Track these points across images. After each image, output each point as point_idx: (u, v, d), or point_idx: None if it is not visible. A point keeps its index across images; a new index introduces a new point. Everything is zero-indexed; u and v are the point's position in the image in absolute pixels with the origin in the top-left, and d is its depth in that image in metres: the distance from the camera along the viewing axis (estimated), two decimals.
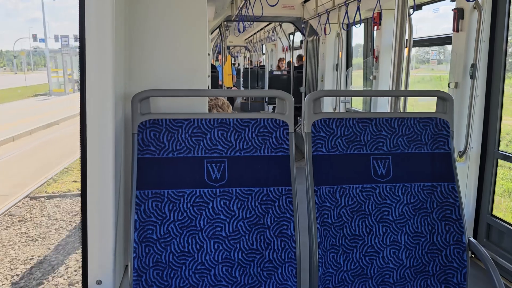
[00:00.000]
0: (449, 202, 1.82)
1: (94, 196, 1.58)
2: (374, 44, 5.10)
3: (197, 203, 1.67)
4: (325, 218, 1.73)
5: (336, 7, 5.25)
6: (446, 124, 1.86)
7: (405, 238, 1.79)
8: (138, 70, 1.88)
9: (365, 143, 1.82)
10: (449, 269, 1.79)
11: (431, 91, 1.97)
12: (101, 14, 1.48)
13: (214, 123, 1.72)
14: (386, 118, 1.84)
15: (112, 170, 1.58)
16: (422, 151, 1.84)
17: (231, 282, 1.66)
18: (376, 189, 1.79)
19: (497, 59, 2.92)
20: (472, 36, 2.96)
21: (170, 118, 1.69)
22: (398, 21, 2.28)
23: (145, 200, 1.63)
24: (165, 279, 1.62)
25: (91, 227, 1.59)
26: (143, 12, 1.86)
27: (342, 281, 1.74)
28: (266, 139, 1.74)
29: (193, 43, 1.92)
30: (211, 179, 1.69)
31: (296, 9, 6.55)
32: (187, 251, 1.64)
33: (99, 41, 1.50)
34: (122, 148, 1.76)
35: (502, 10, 2.87)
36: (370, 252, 1.77)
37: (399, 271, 1.78)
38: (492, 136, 2.99)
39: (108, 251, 1.61)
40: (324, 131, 1.79)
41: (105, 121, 1.55)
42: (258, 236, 1.69)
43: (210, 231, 1.67)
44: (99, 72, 1.52)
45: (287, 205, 1.71)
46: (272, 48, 14.39)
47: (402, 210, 1.80)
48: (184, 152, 1.69)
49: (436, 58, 9.08)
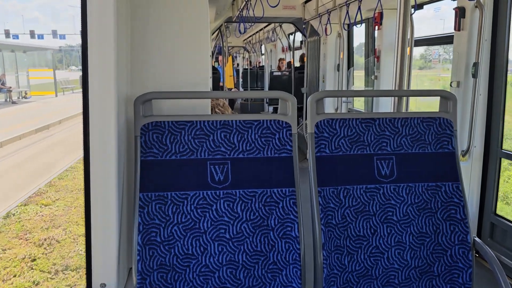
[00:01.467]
0: (453, 202, 1.81)
1: (97, 199, 1.58)
2: (375, 44, 5.09)
3: (201, 205, 1.66)
4: (329, 219, 1.73)
5: (337, 7, 5.25)
6: (450, 123, 1.86)
7: (410, 239, 1.78)
8: (140, 72, 1.88)
9: (369, 143, 1.81)
10: (454, 269, 1.79)
11: (434, 91, 1.96)
12: (103, 17, 1.48)
13: (216, 124, 1.71)
14: (389, 118, 1.83)
15: (115, 172, 1.58)
16: (426, 151, 1.84)
17: (236, 284, 1.66)
18: (380, 189, 1.79)
19: (499, 58, 2.91)
20: (474, 35, 2.95)
21: (172, 120, 1.69)
22: (400, 20, 2.28)
23: (148, 203, 1.63)
24: (169, 282, 1.62)
25: (94, 230, 1.59)
26: (145, 15, 1.86)
27: (347, 282, 1.73)
28: (269, 140, 1.74)
29: (195, 45, 1.92)
30: (214, 181, 1.68)
31: (297, 10, 6.55)
32: (191, 253, 1.64)
33: (101, 44, 1.49)
34: (125, 151, 1.75)
35: (503, 8, 2.86)
36: (375, 253, 1.76)
37: (404, 272, 1.77)
38: (495, 135, 2.98)
39: (112, 254, 1.61)
40: (327, 132, 1.79)
41: (107, 123, 1.55)
42: (262, 237, 1.68)
43: (214, 233, 1.66)
44: (102, 75, 1.51)
45: (291, 206, 1.70)
46: (271, 48, 14.40)
47: (407, 211, 1.79)
48: (187, 154, 1.68)
49: (438, 57, 9.07)
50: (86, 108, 1.53)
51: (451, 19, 3.12)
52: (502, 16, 2.87)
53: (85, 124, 1.54)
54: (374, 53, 4.94)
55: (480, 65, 2.92)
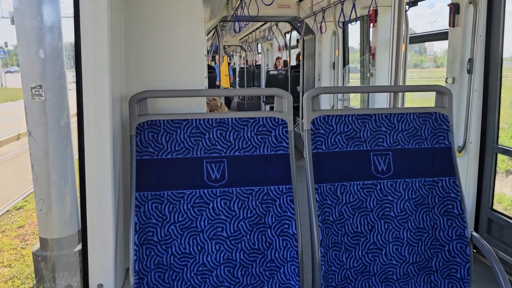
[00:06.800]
0: (450, 197, 1.81)
1: (93, 199, 1.57)
2: (370, 41, 5.10)
3: (197, 204, 1.66)
4: (327, 216, 1.72)
5: (331, 5, 5.24)
6: (446, 118, 1.86)
7: (408, 234, 1.78)
8: (135, 71, 1.87)
9: (365, 139, 1.81)
10: (452, 264, 1.79)
11: (429, 86, 1.97)
12: (97, 15, 1.47)
13: (212, 123, 1.70)
14: (385, 114, 1.83)
15: (110, 172, 1.57)
16: (422, 146, 1.84)
17: (234, 282, 1.65)
18: (377, 185, 1.78)
19: (494, 53, 2.91)
20: (468, 31, 2.95)
21: (168, 119, 1.68)
22: (395, 17, 2.28)
23: (144, 202, 1.62)
24: (167, 281, 1.61)
25: (91, 230, 1.58)
26: (139, 13, 1.85)
27: (345, 279, 1.73)
28: (265, 138, 1.73)
29: (190, 44, 1.91)
30: (211, 179, 1.68)
31: (291, 8, 6.53)
32: (188, 252, 1.63)
33: (95, 42, 1.48)
34: (120, 150, 1.74)
35: (497, 4, 2.86)
36: (372, 249, 1.76)
37: (402, 268, 1.77)
38: (490, 130, 2.99)
39: (108, 255, 1.60)
40: (323, 128, 1.78)
41: (102, 123, 1.54)
42: (259, 235, 1.68)
43: (211, 232, 1.65)
44: (96, 73, 1.50)
45: (288, 203, 1.70)
46: (267, 47, 14.39)
47: (404, 206, 1.79)
48: (183, 153, 1.68)
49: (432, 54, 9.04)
50: (80, 107, 1.52)
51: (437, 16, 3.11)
52: (496, 12, 2.88)
53: (79, 123, 1.53)
54: (369, 51, 4.94)
55: (475, 61, 2.92)
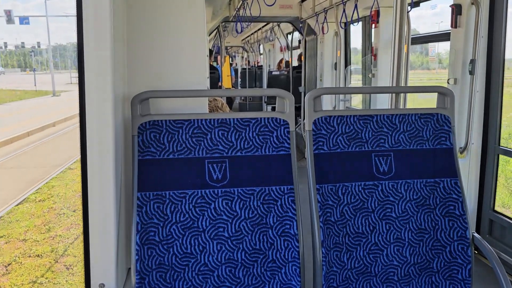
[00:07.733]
0: (452, 198, 1.81)
1: (95, 199, 1.57)
2: (372, 42, 5.09)
3: (199, 204, 1.66)
4: (328, 216, 1.72)
5: (333, 5, 5.24)
6: (447, 119, 1.86)
7: (409, 235, 1.78)
8: (137, 71, 1.88)
9: (367, 140, 1.81)
10: (454, 265, 1.79)
11: (431, 87, 1.97)
12: (99, 15, 1.47)
13: (214, 123, 1.71)
14: (387, 114, 1.83)
15: (112, 172, 1.57)
16: (424, 147, 1.84)
17: (235, 283, 1.65)
18: (378, 186, 1.79)
19: (495, 54, 2.91)
20: (471, 32, 2.95)
21: (170, 119, 1.68)
22: (397, 18, 2.28)
23: (146, 202, 1.62)
24: (168, 281, 1.61)
25: (92, 230, 1.58)
26: (141, 14, 1.85)
27: (346, 279, 1.73)
28: (267, 138, 1.73)
29: (192, 44, 1.92)
30: (212, 180, 1.68)
31: (293, 9, 6.53)
32: (190, 252, 1.64)
33: (98, 43, 1.49)
34: (122, 150, 1.75)
35: (499, 5, 2.86)
36: (374, 249, 1.76)
37: (403, 268, 1.77)
38: (492, 131, 2.99)
39: (110, 254, 1.60)
40: (325, 129, 1.79)
41: (104, 123, 1.54)
42: (261, 236, 1.68)
43: (213, 232, 1.66)
44: (98, 73, 1.51)
45: (289, 204, 1.70)
46: (269, 48, 14.38)
47: (405, 207, 1.79)
48: (185, 153, 1.68)
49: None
50: (82, 108, 1.52)
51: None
52: (498, 13, 2.88)
53: (81, 123, 1.53)
54: (371, 51, 4.94)
55: (477, 62, 2.92)
